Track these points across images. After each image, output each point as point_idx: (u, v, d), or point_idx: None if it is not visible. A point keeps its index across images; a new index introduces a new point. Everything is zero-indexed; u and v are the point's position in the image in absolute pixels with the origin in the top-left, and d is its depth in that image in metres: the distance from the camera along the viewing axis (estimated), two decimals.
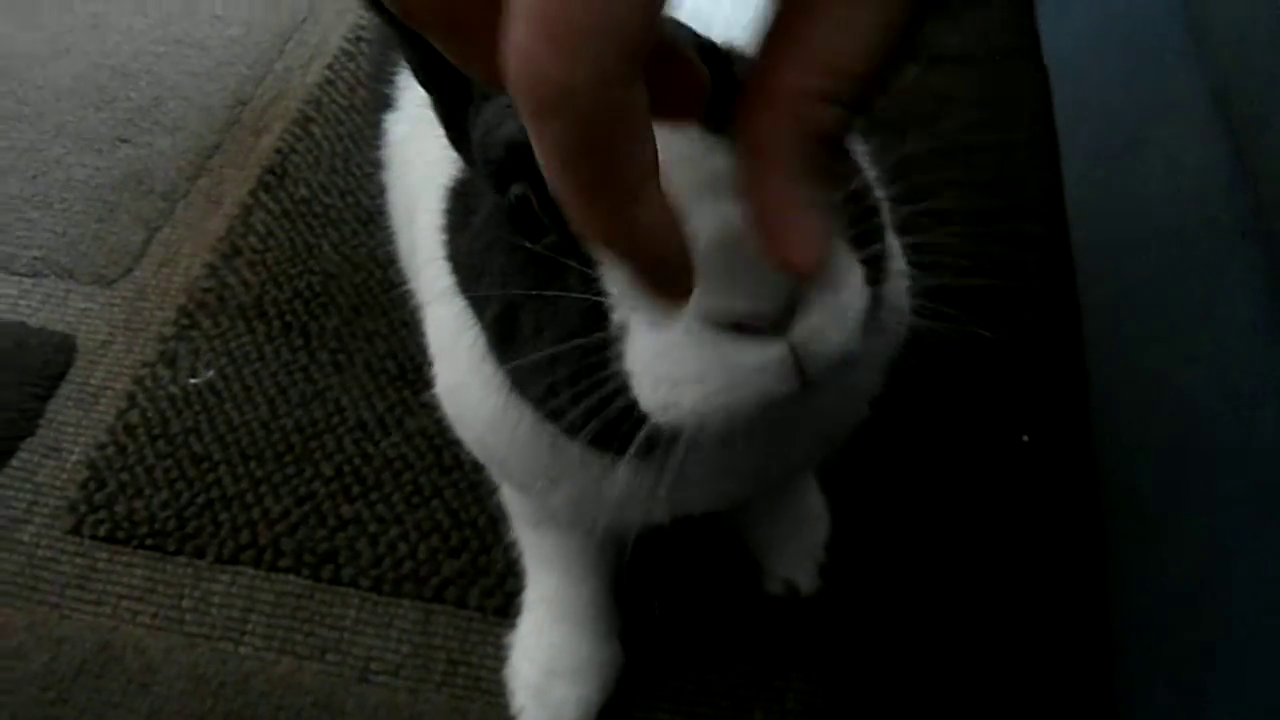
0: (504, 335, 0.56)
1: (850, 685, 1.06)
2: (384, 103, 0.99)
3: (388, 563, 1.15)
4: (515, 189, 0.51)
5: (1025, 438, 1.22)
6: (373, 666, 1.09)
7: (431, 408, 0.77)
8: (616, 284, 0.48)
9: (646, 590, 1.09)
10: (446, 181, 0.66)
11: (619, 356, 0.48)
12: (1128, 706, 1.01)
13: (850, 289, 0.47)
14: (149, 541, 1.18)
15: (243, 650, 1.10)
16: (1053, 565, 1.12)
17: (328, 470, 1.23)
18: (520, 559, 1.07)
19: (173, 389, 1.31)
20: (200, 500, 1.21)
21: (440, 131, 0.62)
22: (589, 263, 0.48)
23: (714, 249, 0.43)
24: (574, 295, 0.49)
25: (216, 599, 1.14)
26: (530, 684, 1.03)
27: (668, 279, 0.41)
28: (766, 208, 0.41)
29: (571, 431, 0.52)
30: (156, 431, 1.27)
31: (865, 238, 0.50)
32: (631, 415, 0.48)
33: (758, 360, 0.44)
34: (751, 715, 1.05)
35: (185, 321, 1.38)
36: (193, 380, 1.32)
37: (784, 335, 0.44)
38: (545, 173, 0.36)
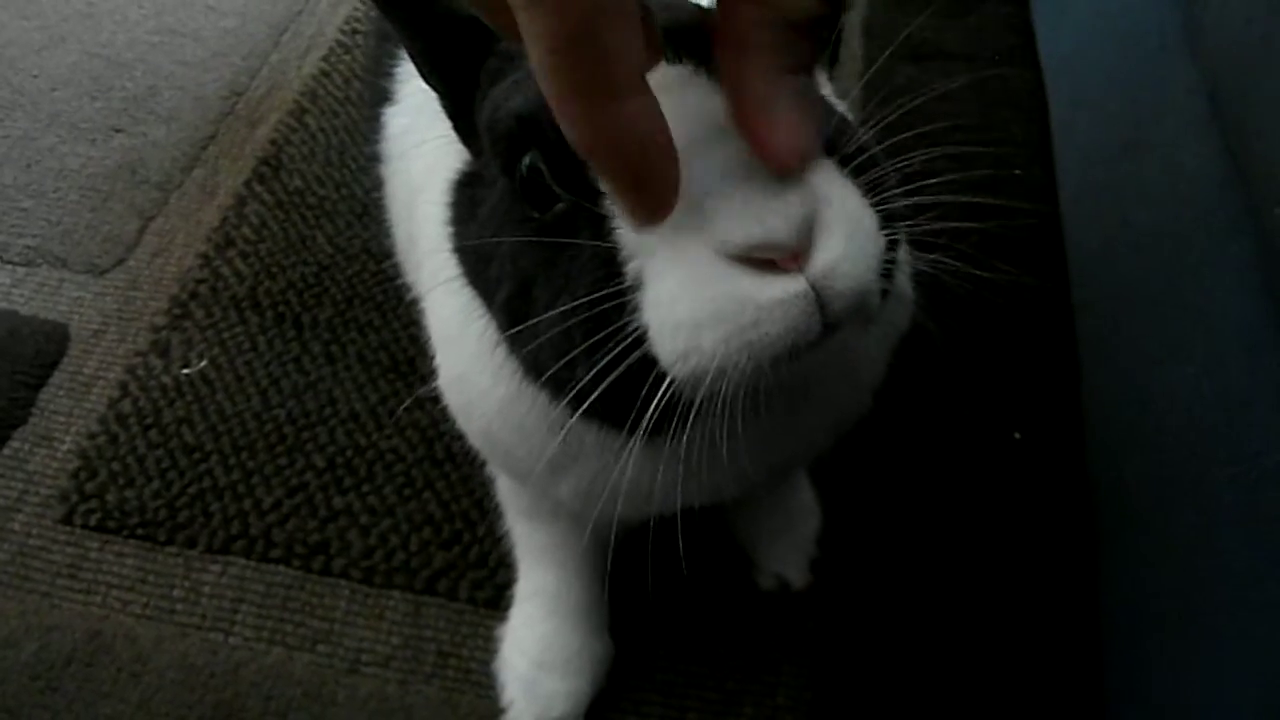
0: (517, 314, 0.55)
1: (840, 680, 1.06)
2: (382, 96, 0.99)
3: (379, 554, 1.15)
4: (526, 160, 0.51)
5: (1017, 435, 1.22)
6: (363, 658, 1.09)
7: (424, 400, 0.77)
8: (630, 234, 0.48)
9: (638, 582, 1.09)
10: (450, 174, 0.66)
11: (635, 309, 0.48)
12: (1117, 703, 1.01)
13: (866, 230, 0.47)
14: (140, 531, 1.18)
15: (233, 640, 1.10)
16: (1043, 562, 1.12)
17: (319, 461, 1.23)
18: (513, 552, 1.07)
19: (165, 379, 1.31)
20: (192, 490, 1.21)
21: (444, 124, 0.63)
22: (601, 221, 0.49)
23: (726, 181, 0.43)
24: (588, 244, 0.49)
25: (207, 589, 1.14)
26: (521, 676, 1.03)
27: (650, 183, 0.42)
28: (748, 95, 0.42)
29: (581, 399, 0.51)
30: (149, 421, 1.27)
31: (874, 187, 0.50)
32: (646, 380, 0.48)
33: (778, 293, 0.44)
34: (741, 709, 1.05)
35: (178, 311, 1.38)
36: (185, 370, 1.32)
37: (803, 272, 0.44)
38: (535, 72, 0.38)
